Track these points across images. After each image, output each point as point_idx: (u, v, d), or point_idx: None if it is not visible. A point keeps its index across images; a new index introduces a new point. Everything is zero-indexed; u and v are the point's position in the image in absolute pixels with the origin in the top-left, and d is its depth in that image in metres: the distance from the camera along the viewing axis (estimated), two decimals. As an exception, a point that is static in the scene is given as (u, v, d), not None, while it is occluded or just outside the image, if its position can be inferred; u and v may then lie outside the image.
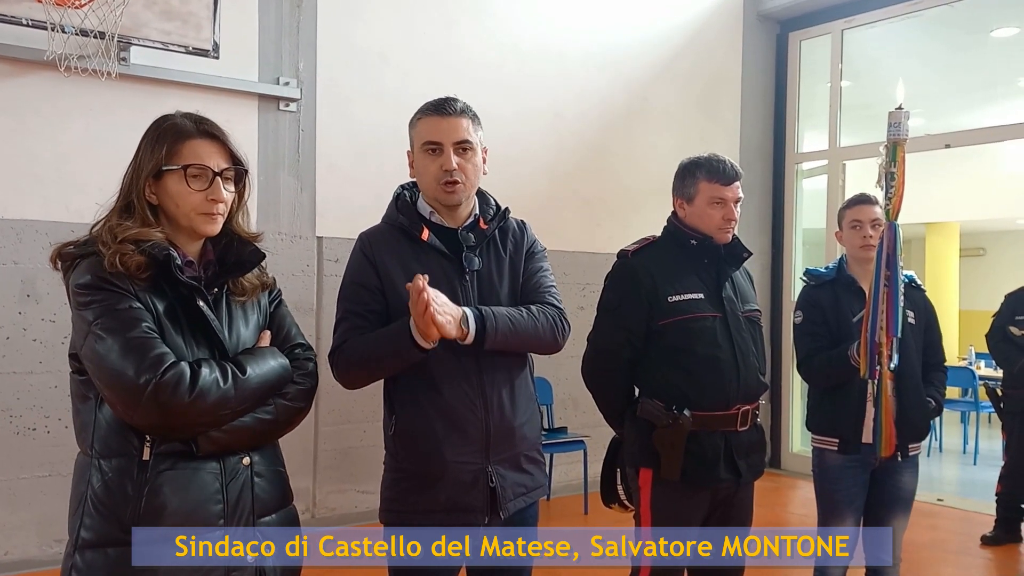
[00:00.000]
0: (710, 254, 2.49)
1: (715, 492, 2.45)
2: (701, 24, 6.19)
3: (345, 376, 2.06)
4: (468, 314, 1.94)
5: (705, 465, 2.40)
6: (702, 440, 2.39)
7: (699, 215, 2.48)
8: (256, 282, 1.78)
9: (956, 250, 11.15)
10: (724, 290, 2.48)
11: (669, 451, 2.36)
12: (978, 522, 4.92)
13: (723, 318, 2.45)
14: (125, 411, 1.53)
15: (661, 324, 2.43)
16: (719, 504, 2.47)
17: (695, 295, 2.44)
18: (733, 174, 2.47)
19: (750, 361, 2.47)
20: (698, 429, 2.38)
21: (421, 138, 2.07)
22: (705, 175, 2.48)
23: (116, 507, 1.54)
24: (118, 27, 3.62)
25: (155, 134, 1.66)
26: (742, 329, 2.48)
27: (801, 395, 6.22)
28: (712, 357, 2.41)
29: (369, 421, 4.57)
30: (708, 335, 2.42)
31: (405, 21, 4.89)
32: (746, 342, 2.47)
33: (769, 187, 6.61)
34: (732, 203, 2.47)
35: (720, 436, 2.42)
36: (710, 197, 2.46)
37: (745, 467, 2.46)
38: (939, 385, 3.01)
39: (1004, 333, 4.71)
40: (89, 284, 1.55)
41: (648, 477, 2.44)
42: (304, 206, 4.58)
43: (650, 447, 2.40)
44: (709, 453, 2.40)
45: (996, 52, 6.77)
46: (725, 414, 2.42)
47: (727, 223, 2.47)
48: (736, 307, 2.49)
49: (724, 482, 2.43)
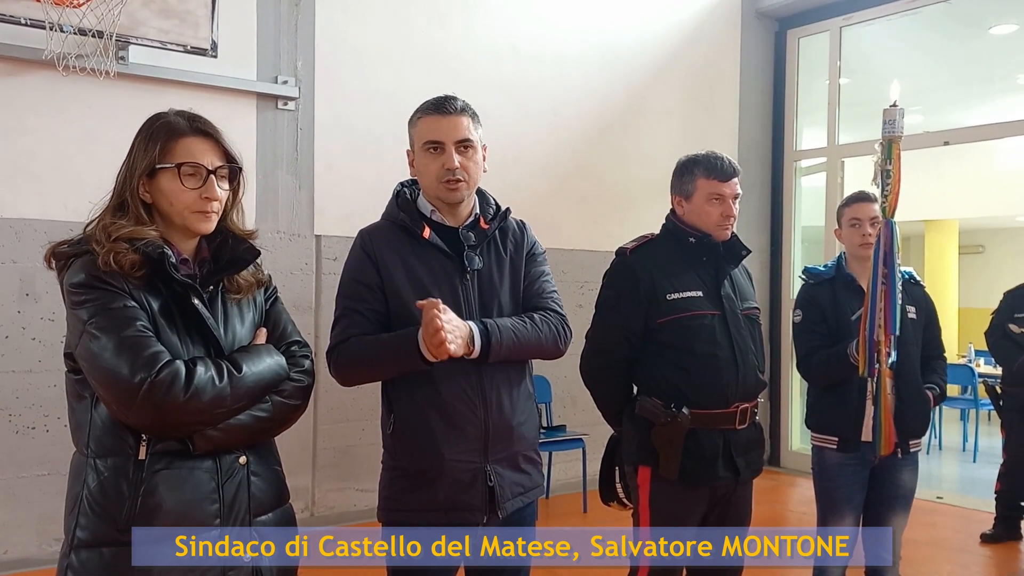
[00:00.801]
0: (709, 252, 2.49)
1: (714, 490, 2.44)
2: (699, 22, 6.19)
3: (343, 374, 2.06)
4: (474, 330, 1.94)
5: (703, 463, 2.39)
6: (700, 438, 2.39)
7: (697, 212, 2.48)
8: (251, 279, 1.77)
9: (955, 247, 11.14)
10: (723, 288, 2.47)
11: (667, 449, 2.35)
12: (977, 520, 4.91)
13: (722, 316, 2.44)
14: (120, 410, 1.52)
15: (660, 322, 2.42)
16: (717, 502, 2.46)
17: (694, 293, 2.43)
18: (731, 170, 2.47)
19: (749, 359, 2.46)
20: (696, 427, 2.37)
21: (422, 137, 2.07)
22: (703, 172, 2.47)
23: (112, 507, 1.53)
24: (116, 26, 3.62)
25: (148, 132, 1.65)
26: (741, 327, 2.47)
27: (800, 393, 6.22)
28: (711, 355, 2.40)
29: (368, 419, 4.57)
30: (707, 333, 2.41)
31: (403, 20, 4.89)
32: (745, 340, 2.47)
33: (768, 185, 6.61)
34: (730, 199, 2.46)
35: (719, 434, 2.41)
36: (708, 194, 2.45)
37: (744, 465, 2.45)
38: (940, 372, 3.02)
39: (1003, 331, 4.70)
40: (83, 283, 1.54)
41: (647, 475, 2.44)
42: (302, 204, 4.58)
43: (648, 445, 2.39)
44: (708, 451, 2.40)
45: (995, 49, 6.76)
46: (724, 412, 2.41)
47: (725, 220, 2.46)
48: (735, 305, 2.48)
49: (722, 480, 2.42)
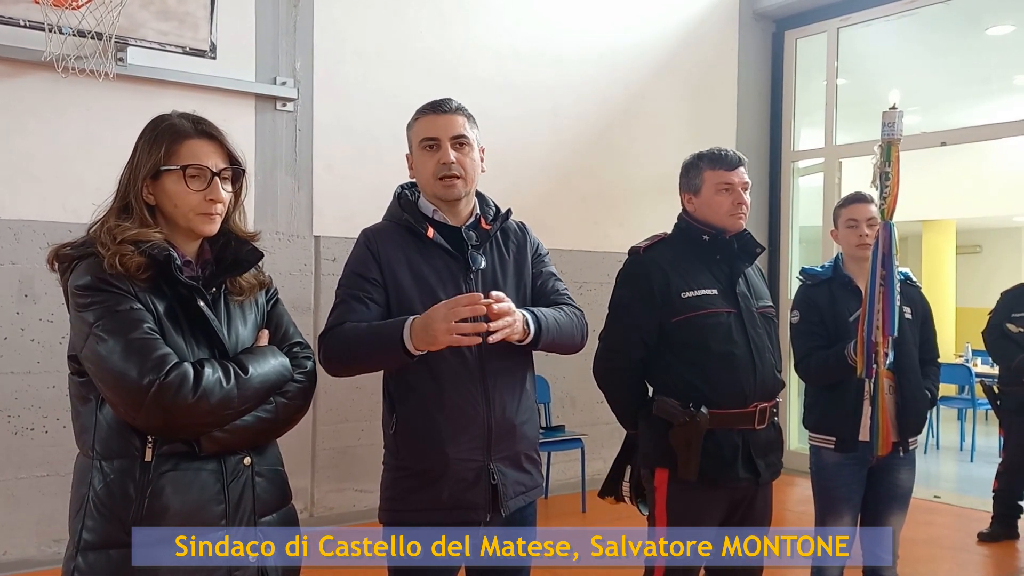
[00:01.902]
0: (723, 250, 2.45)
1: (732, 492, 2.38)
2: (697, 23, 6.20)
3: (330, 362, 2.01)
4: (528, 316, 1.96)
5: (723, 464, 2.33)
6: (719, 439, 2.33)
7: (708, 204, 2.44)
8: (253, 281, 1.77)
9: (952, 247, 11.15)
10: (738, 286, 2.44)
11: (686, 450, 2.29)
12: (975, 519, 4.93)
13: (738, 314, 2.40)
14: (128, 413, 1.52)
15: (675, 321, 2.38)
16: (738, 505, 2.40)
17: (709, 291, 2.39)
18: (736, 160, 2.45)
19: (766, 357, 2.42)
20: (715, 427, 2.31)
21: (419, 136, 2.09)
22: (708, 164, 2.45)
23: (118, 508, 1.53)
24: (115, 28, 3.63)
25: (152, 134, 1.64)
26: (757, 325, 2.43)
27: (798, 393, 6.22)
28: (728, 353, 2.35)
29: (367, 420, 4.57)
30: (723, 331, 2.37)
31: (402, 21, 4.89)
32: (762, 338, 2.43)
33: (766, 185, 6.61)
34: (740, 188, 2.42)
35: (738, 434, 2.35)
36: (716, 184, 2.42)
37: (764, 466, 2.39)
38: (933, 378, 3.03)
39: (1001, 330, 4.72)
40: (89, 285, 1.54)
41: (664, 478, 2.37)
42: (301, 205, 4.58)
43: (666, 446, 2.33)
44: (727, 452, 2.34)
45: (991, 50, 6.78)
46: (742, 412, 2.36)
47: (737, 207, 2.42)
48: (751, 303, 2.45)
49: (742, 481, 2.36)
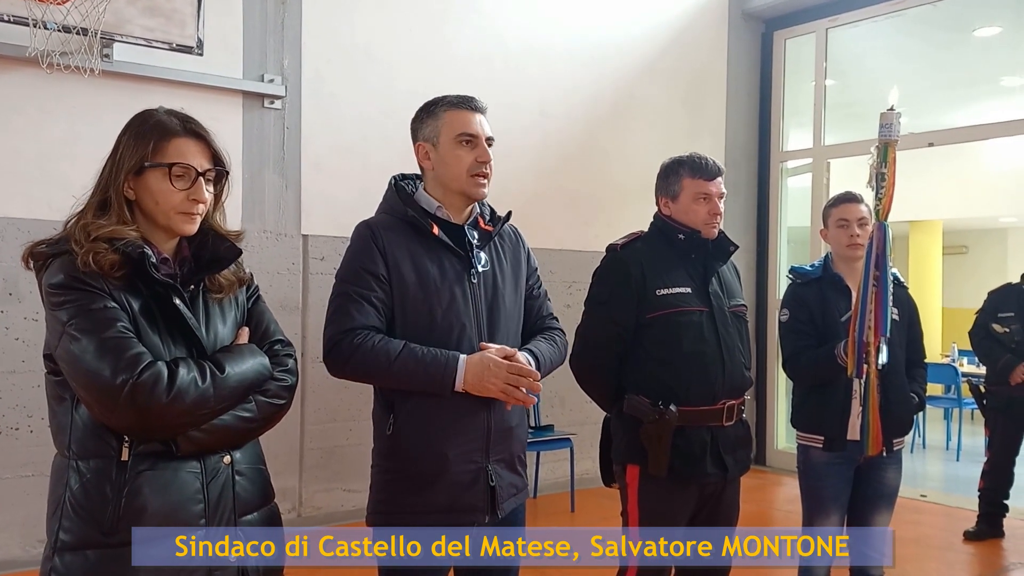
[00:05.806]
0: (697, 249, 2.50)
1: (702, 488, 2.45)
2: (686, 22, 6.20)
3: (342, 369, 1.98)
4: (529, 359, 2.03)
5: (692, 460, 2.40)
6: (688, 435, 2.39)
7: (685, 211, 2.50)
8: (233, 278, 1.74)
9: (939, 248, 11.19)
10: (711, 285, 2.49)
11: (656, 446, 2.36)
12: (961, 518, 4.95)
13: (709, 313, 2.46)
14: (102, 413, 1.50)
15: (649, 317, 2.43)
16: (707, 500, 2.47)
17: (683, 289, 2.45)
18: (716, 170, 2.50)
19: (735, 356, 2.48)
20: (684, 424, 2.38)
21: (455, 129, 2.08)
22: (688, 172, 2.50)
23: (95, 509, 1.51)
24: (101, 23, 3.60)
25: (139, 129, 1.62)
26: (728, 324, 2.49)
27: (786, 392, 6.25)
28: (698, 352, 2.42)
29: (355, 420, 4.55)
30: (694, 330, 2.43)
31: (390, 18, 4.87)
32: (732, 337, 2.48)
33: (754, 185, 6.63)
34: (716, 198, 2.48)
35: (706, 431, 2.42)
36: (695, 193, 2.48)
37: (732, 462, 2.46)
38: (921, 381, 3.04)
39: (987, 330, 4.75)
40: (62, 284, 1.52)
41: (635, 474, 2.44)
42: (289, 204, 4.54)
43: (637, 443, 2.40)
44: (696, 448, 2.40)
45: (979, 51, 6.81)
46: (711, 409, 2.42)
47: (713, 217, 2.48)
48: (722, 302, 2.50)
49: (711, 477, 2.43)
